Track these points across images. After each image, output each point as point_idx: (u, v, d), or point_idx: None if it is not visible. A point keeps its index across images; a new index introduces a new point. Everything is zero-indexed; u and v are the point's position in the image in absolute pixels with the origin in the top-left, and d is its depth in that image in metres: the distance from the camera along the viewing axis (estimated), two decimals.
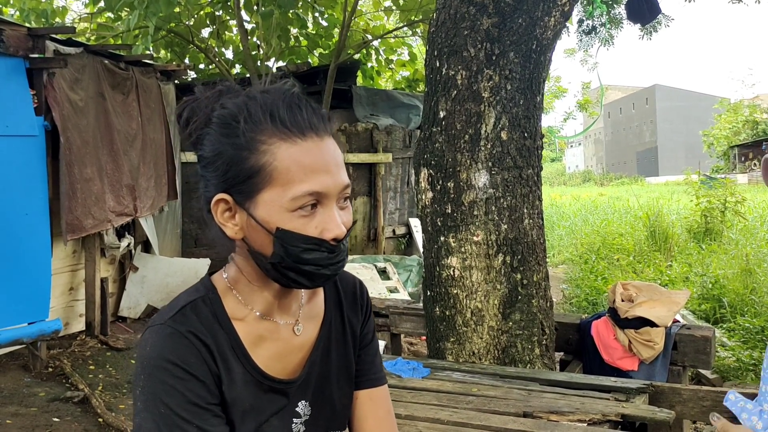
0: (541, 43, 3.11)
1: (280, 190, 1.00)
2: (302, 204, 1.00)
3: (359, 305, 1.27)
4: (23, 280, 4.75)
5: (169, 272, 7.01)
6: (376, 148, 9.21)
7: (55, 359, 5.22)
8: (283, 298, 1.12)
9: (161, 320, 1.05)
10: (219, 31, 10.09)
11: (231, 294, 1.10)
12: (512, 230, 3.14)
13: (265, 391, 1.10)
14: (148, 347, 1.02)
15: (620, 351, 3.38)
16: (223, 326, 1.07)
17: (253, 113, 1.01)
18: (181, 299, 1.09)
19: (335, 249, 1.03)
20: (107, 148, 5.82)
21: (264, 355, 1.11)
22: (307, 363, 1.16)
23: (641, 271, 8.39)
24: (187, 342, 1.02)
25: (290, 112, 1.02)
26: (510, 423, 2.39)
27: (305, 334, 1.17)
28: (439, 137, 3.19)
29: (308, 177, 1.00)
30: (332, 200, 1.03)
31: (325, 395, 1.19)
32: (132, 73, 6.40)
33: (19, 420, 4.16)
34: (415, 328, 4.00)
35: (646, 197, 17.46)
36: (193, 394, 1.00)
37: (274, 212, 1.00)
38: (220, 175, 1.03)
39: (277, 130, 1.00)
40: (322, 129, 1.03)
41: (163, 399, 0.98)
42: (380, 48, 11.44)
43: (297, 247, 1.00)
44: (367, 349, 1.28)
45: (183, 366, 1.00)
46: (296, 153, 1.00)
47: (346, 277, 1.27)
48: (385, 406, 1.29)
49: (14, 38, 4.69)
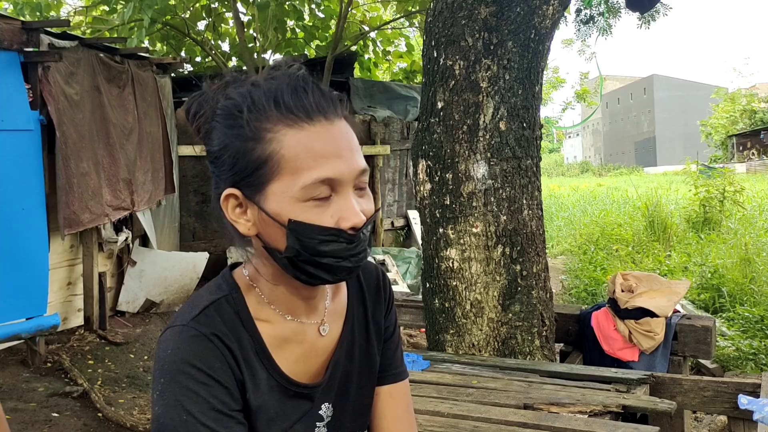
0: (540, 32, 3.08)
1: (290, 180, 0.94)
2: (314, 193, 0.94)
3: (383, 297, 1.21)
4: (21, 275, 4.73)
5: (167, 266, 6.98)
6: (374, 140, 9.18)
7: (53, 354, 5.20)
8: (308, 297, 1.06)
9: (183, 321, 0.99)
10: (215, 23, 10.04)
11: (254, 292, 1.05)
12: (511, 221, 3.13)
13: (290, 397, 1.05)
14: (169, 349, 0.96)
15: (620, 342, 3.37)
16: (246, 328, 1.02)
17: (257, 101, 0.96)
18: (203, 298, 1.03)
19: (354, 239, 0.96)
20: (103, 142, 5.79)
21: (288, 359, 1.05)
22: (330, 364, 1.10)
23: (640, 262, 8.39)
24: (211, 345, 0.96)
25: (295, 96, 0.96)
26: (510, 415, 2.37)
27: (330, 333, 1.11)
28: (437, 128, 3.16)
29: (318, 163, 0.94)
30: (347, 187, 0.96)
31: (347, 395, 1.13)
32: (128, 67, 6.36)
33: (19, 415, 4.16)
34: (414, 320, 3.99)
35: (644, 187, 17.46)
36: (217, 401, 0.94)
37: (285, 204, 0.95)
38: (227, 169, 0.98)
39: (282, 116, 0.95)
40: (331, 112, 0.97)
41: (185, 405, 0.93)
42: (377, 39, 11.40)
43: (313, 239, 0.94)
44: (389, 342, 1.21)
45: (207, 371, 0.95)
46: (304, 138, 0.94)
47: (368, 268, 1.21)
48: (404, 402, 1.22)
49: (8, 32, 4.65)
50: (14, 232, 4.69)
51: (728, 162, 33.72)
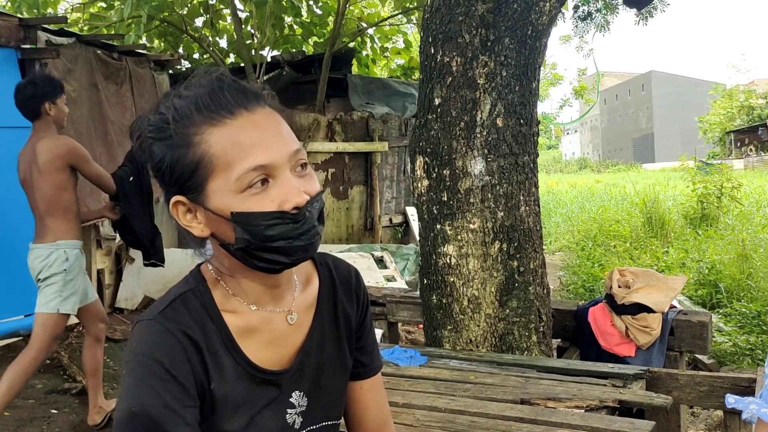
0: (537, 28, 3.09)
1: (224, 175, 0.98)
2: (249, 182, 0.98)
3: (355, 294, 1.25)
4: (18, 272, 4.73)
5: (166, 263, 6.99)
6: (371, 136, 9.18)
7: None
8: (272, 286, 1.10)
9: (151, 315, 1.03)
10: (213, 20, 10.02)
11: (219, 285, 1.09)
12: (508, 217, 3.13)
13: (258, 383, 1.09)
14: (135, 342, 1.02)
15: (617, 337, 3.39)
16: (213, 319, 1.06)
17: (180, 110, 1.01)
18: (171, 292, 1.08)
19: (299, 217, 1.00)
20: (101, 139, 5.79)
21: (255, 347, 1.09)
22: (300, 353, 1.14)
23: (638, 258, 8.41)
24: (174, 340, 1.01)
25: (213, 96, 1.00)
26: (507, 410, 2.39)
27: (299, 323, 1.15)
28: (434, 124, 3.17)
29: (247, 153, 0.98)
30: (282, 170, 1.00)
31: (321, 385, 1.17)
32: (125, 63, 6.36)
33: (17, 412, 4.16)
34: (412, 316, 4.00)
35: (642, 184, 17.48)
36: (170, 396, 0.98)
37: (225, 198, 0.99)
38: (168, 179, 1.02)
39: (204, 117, 0.99)
40: (253, 103, 1.02)
41: (138, 398, 0.97)
42: (375, 36, 11.39)
43: (258, 225, 0.98)
44: (367, 340, 1.27)
45: (166, 366, 0.99)
46: (228, 133, 0.99)
47: (341, 266, 1.26)
48: (382, 392, 1.31)
49: (5, 29, 4.65)
50: (12, 228, 4.69)
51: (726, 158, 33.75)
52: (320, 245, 1.08)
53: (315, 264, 1.23)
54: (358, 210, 9.21)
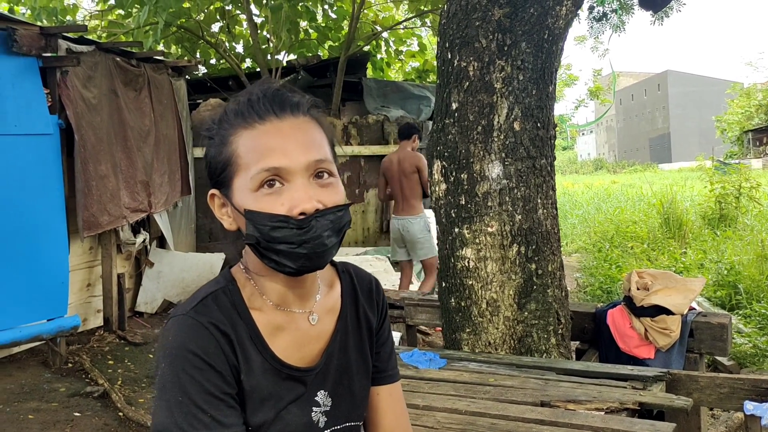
0: (553, 32, 3.10)
1: (244, 173, 1.06)
2: (261, 181, 1.05)
3: (375, 302, 1.30)
4: (42, 277, 4.81)
5: (185, 267, 7.06)
6: (387, 139, 9.20)
7: (74, 355, 5.28)
8: (295, 288, 1.15)
9: (183, 311, 1.09)
10: (229, 25, 10.11)
11: (249, 284, 1.15)
12: (526, 220, 3.14)
13: (284, 379, 1.13)
14: (170, 336, 1.06)
15: (636, 339, 3.38)
16: (242, 316, 1.11)
17: (226, 113, 1.12)
18: (202, 290, 1.13)
19: (304, 224, 1.04)
20: (121, 145, 5.86)
21: (281, 345, 1.14)
22: (324, 353, 1.19)
23: (656, 259, 8.36)
24: (207, 333, 1.06)
25: (250, 102, 1.09)
26: (527, 412, 2.40)
27: (322, 325, 1.19)
28: (451, 129, 3.19)
29: (263, 155, 1.05)
30: (297, 176, 1.05)
31: (344, 387, 1.21)
32: (144, 70, 6.43)
33: (41, 415, 4.22)
34: (430, 319, 4.01)
35: (659, 184, 17.36)
36: (211, 384, 1.03)
37: (243, 195, 1.06)
38: (209, 173, 1.13)
39: (240, 121, 1.09)
40: (286, 112, 1.09)
41: (181, 387, 1.02)
42: (390, 39, 11.42)
43: (265, 225, 1.04)
44: (385, 346, 1.31)
45: (203, 356, 1.04)
46: (253, 136, 1.07)
47: (361, 275, 1.31)
48: (402, 401, 1.34)
49: (27, 38, 4.72)
50: (35, 234, 4.77)
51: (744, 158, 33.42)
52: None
53: (337, 271, 1.28)
54: (374, 213, 9.23)
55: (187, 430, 1.01)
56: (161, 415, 1.02)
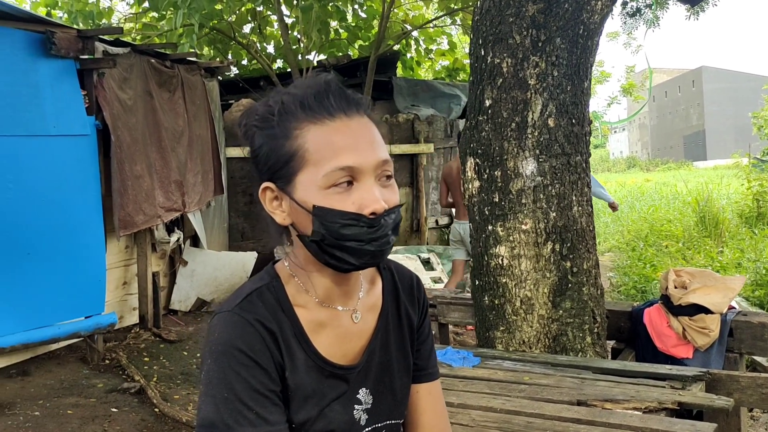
0: (588, 27, 3.06)
1: (314, 170, 1.04)
2: (335, 180, 1.04)
3: (416, 299, 1.29)
4: (80, 275, 4.90)
5: (218, 266, 7.13)
6: (417, 138, 9.19)
7: (111, 351, 5.37)
8: (341, 285, 1.15)
9: (229, 307, 1.09)
10: (260, 26, 10.19)
11: (293, 281, 1.14)
12: (561, 218, 3.12)
13: (327, 377, 1.13)
14: (216, 333, 1.06)
15: (674, 338, 3.33)
16: (286, 313, 1.11)
17: (286, 105, 1.08)
18: (246, 287, 1.13)
19: (375, 223, 1.04)
20: (155, 145, 5.93)
21: (324, 342, 1.14)
22: (366, 351, 1.18)
23: (691, 258, 8.22)
24: (252, 329, 1.06)
25: (318, 97, 1.07)
26: (564, 411, 2.38)
27: (364, 323, 1.19)
28: (485, 126, 3.17)
29: (337, 154, 1.04)
30: (368, 176, 1.05)
31: (385, 384, 1.21)
32: (177, 71, 6.51)
33: (80, 410, 4.31)
34: (462, 317, 4.00)
35: (694, 182, 17.05)
36: (256, 381, 1.04)
37: (310, 192, 1.05)
38: (263, 166, 1.10)
39: (306, 115, 1.07)
40: (353, 110, 1.08)
41: (227, 384, 1.02)
42: (420, 38, 11.40)
43: (335, 222, 1.03)
44: (425, 344, 1.30)
45: (248, 353, 1.04)
46: (325, 132, 1.05)
47: (403, 272, 1.30)
48: (441, 400, 1.33)
49: (65, 40, 4.81)
50: (73, 234, 4.85)
51: None
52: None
53: (378, 268, 1.27)
54: (404, 212, 9.23)
55: (233, 427, 1.01)
56: (207, 410, 1.03)
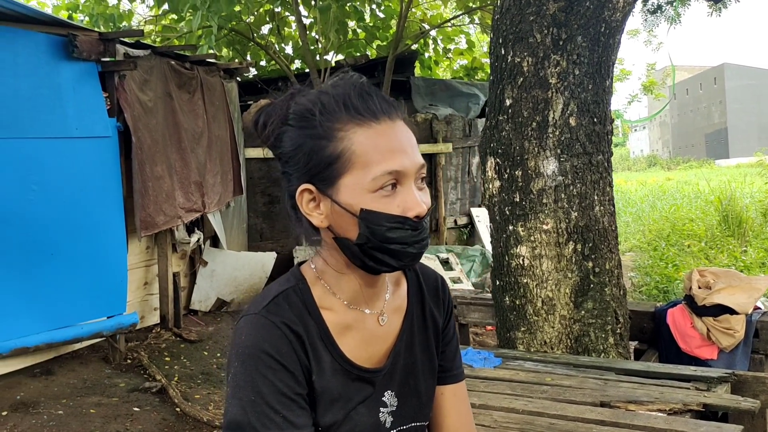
0: (610, 25, 3.03)
1: (361, 173, 1.03)
2: (383, 183, 1.03)
3: (441, 300, 1.28)
4: (102, 275, 4.94)
5: (237, 266, 7.17)
6: (435, 138, 9.17)
7: (132, 351, 5.41)
8: (369, 287, 1.14)
9: (255, 310, 1.08)
10: (278, 27, 10.22)
11: (319, 284, 1.13)
12: (583, 218, 3.09)
13: (353, 380, 1.12)
14: (242, 336, 1.06)
15: (698, 339, 3.29)
16: (312, 315, 1.10)
17: (327, 104, 1.06)
18: (273, 289, 1.12)
19: (418, 226, 1.05)
20: (175, 147, 5.97)
21: (350, 344, 1.13)
22: (391, 354, 1.17)
23: (714, 258, 8.12)
24: (279, 332, 1.05)
25: (362, 99, 1.06)
26: (587, 412, 2.35)
27: (389, 325, 1.18)
28: (505, 125, 3.15)
29: (386, 157, 1.03)
30: (410, 179, 1.05)
31: (410, 387, 1.20)
32: (197, 73, 6.55)
33: (102, 409, 4.34)
34: (483, 318, 3.98)
35: (716, 181, 16.83)
36: (283, 384, 1.03)
37: (356, 195, 1.03)
38: (301, 167, 1.07)
39: (351, 117, 1.05)
40: (393, 113, 1.08)
41: (254, 387, 1.02)
42: (438, 37, 11.37)
43: (382, 226, 1.03)
44: (450, 345, 1.29)
45: (275, 356, 1.04)
46: (372, 136, 1.04)
47: (427, 272, 1.29)
48: (466, 402, 1.31)
49: (87, 43, 4.86)
50: (95, 234, 4.90)
51: None
52: None
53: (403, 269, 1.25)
54: None
55: (260, 430, 1.01)
56: (234, 413, 1.03)
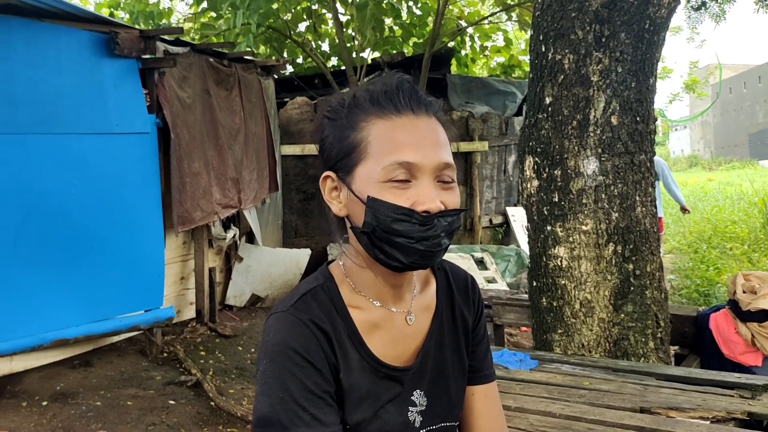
0: (655, 21, 2.96)
1: (373, 162, 1.04)
2: (393, 174, 1.03)
3: (471, 300, 1.27)
4: (140, 270, 5.01)
5: (272, 262, 7.22)
6: (471, 136, 9.10)
7: (169, 345, 5.48)
8: (394, 284, 1.14)
9: (284, 307, 1.09)
10: (315, 24, 10.26)
11: (346, 282, 1.14)
12: (623, 219, 3.02)
13: (381, 378, 1.12)
14: (271, 333, 1.07)
15: (742, 345, 3.19)
16: (340, 313, 1.10)
17: (357, 98, 1.10)
18: (301, 287, 1.13)
19: (427, 222, 1.03)
20: (213, 143, 6.03)
21: (378, 343, 1.13)
22: (420, 353, 1.17)
23: (758, 261, 7.91)
24: (307, 330, 1.06)
25: (388, 93, 1.08)
26: (626, 418, 2.30)
27: (418, 324, 1.18)
28: (545, 124, 3.10)
29: (398, 149, 1.04)
30: (427, 175, 1.04)
31: (440, 386, 1.19)
32: (234, 70, 6.60)
33: (139, 402, 4.41)
34: (518, 319, 3.93)
35: (760, 182, 16.42)
36: (311, 382, 1.03)
37: (367, 183, 1.04)
38: (327, 155, 1.11)
39: (374, 109, 1.07)
40: (421, 110, 1.08)
41: (282, 384, 1.02)
42: (475, 35, 11.29)
43: (387, 216, 1.02)
44: (480, 345, 1.28)
45: (303, 354, 1.04)
46: (389, 127, 1.06)
47: (457, 272, 1.28)
48: (498, 403, 1.30)
49: (128, 40, 4.92)
50: (134, 229, 4.97)
51: None
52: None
53: (432, 268, 1.25)
54: None
55: (288, 427, 1.01)
56: (263, 410, 1.03)
